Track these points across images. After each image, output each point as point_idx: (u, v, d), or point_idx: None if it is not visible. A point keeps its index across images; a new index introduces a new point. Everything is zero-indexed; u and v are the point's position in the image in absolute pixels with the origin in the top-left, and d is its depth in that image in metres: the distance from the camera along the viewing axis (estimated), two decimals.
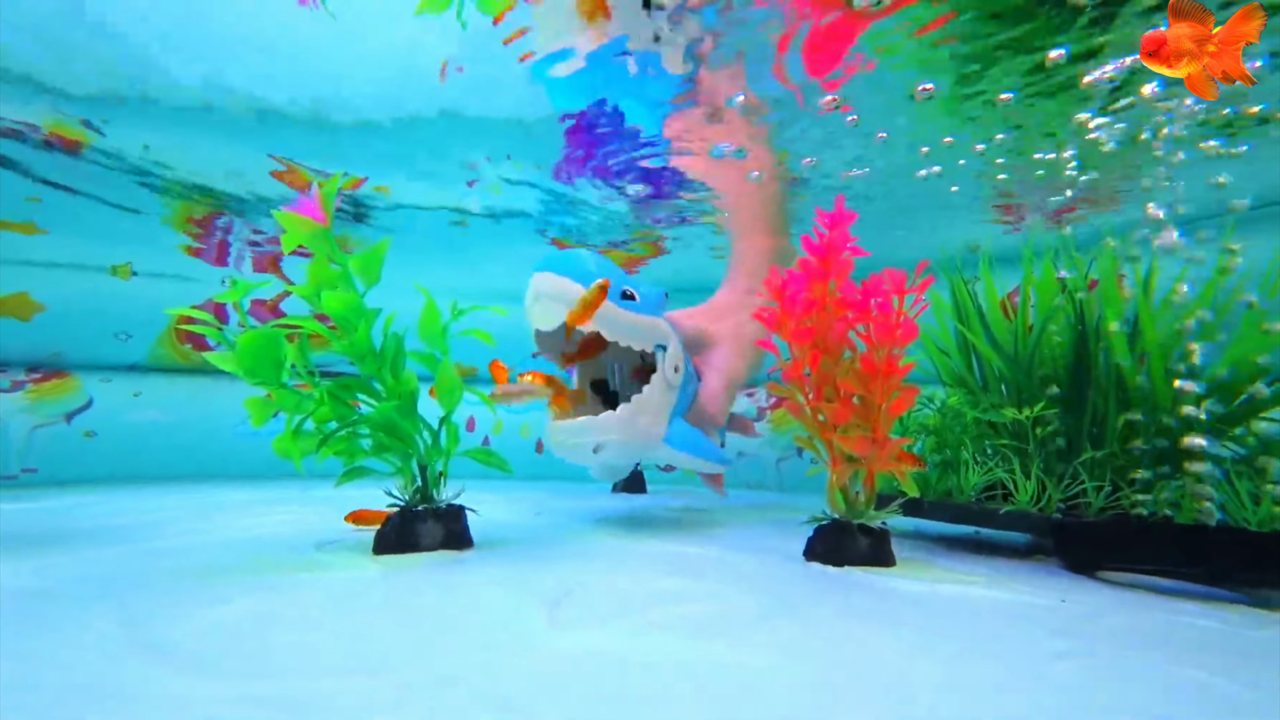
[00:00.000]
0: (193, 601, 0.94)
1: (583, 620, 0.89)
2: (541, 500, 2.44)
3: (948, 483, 1.71)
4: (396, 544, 1.34)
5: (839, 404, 1.34)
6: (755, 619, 0.92)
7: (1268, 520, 1.23)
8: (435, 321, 1.46)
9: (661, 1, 1.33)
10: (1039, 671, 0.75)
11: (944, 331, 1.98)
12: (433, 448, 1.41)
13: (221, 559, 1.25)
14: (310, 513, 1.96)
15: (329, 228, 1.34)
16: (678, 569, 1.25)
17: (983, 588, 1.17)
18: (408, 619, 0.88)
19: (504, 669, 0.70)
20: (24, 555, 1.24)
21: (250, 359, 1.22)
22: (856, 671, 0.73)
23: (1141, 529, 1.33)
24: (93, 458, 2.89)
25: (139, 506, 2.02)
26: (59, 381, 2.92)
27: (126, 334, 3.15)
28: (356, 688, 0.64)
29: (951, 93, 1.62)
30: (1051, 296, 1.66)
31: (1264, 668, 0.79)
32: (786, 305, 1.40)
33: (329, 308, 1.27)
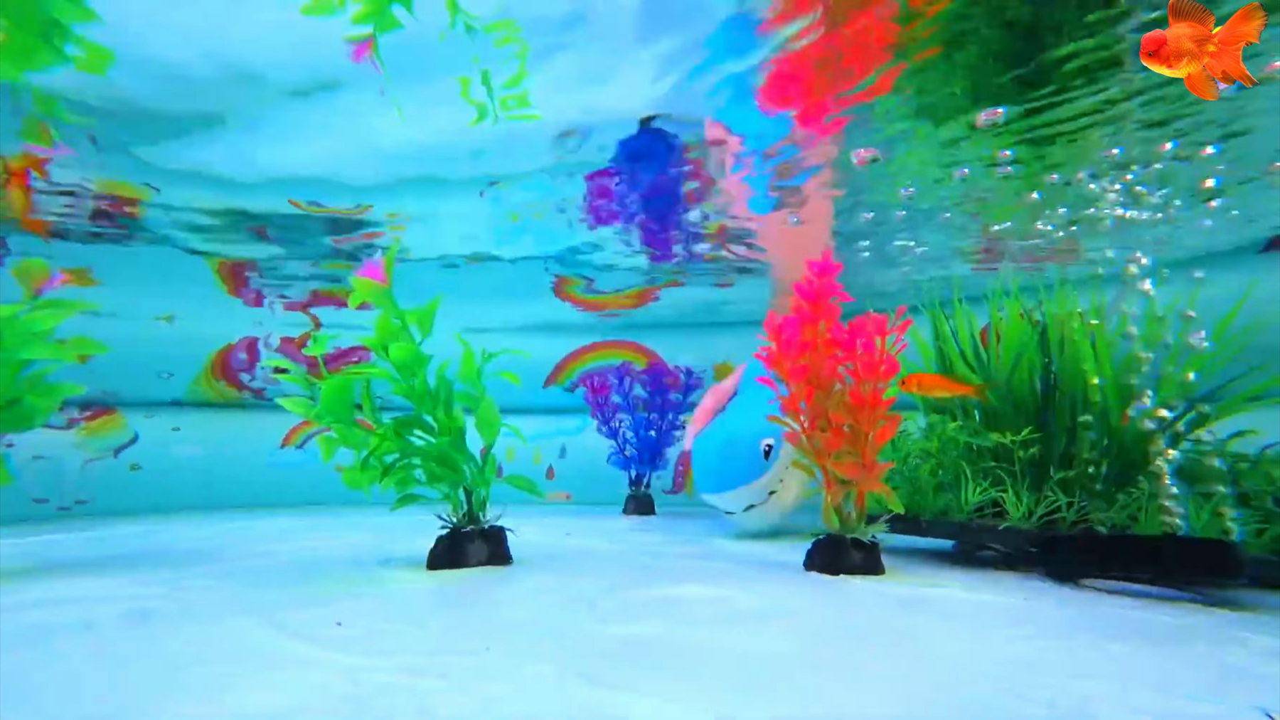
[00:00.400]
0: (300, 605, 1.13)
1: (622, 617, 1.09)
2: (565, 523, 2.62)
3: (943, 501, 1.89)
4: (448, 561, 1.54)
5: (831, 432, 1.54)
6: (765, 614, 1.12)
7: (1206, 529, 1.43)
8: (473, 366, 1.68)
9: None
10: (994, 646, 0.94)
11: (926, 362, 2.19)
12: (478, 476, 1.61)
13: (300, 574, 1.44)
14: (353, 536, 2.15)
15: (390, 288, 1.57)
16: (695, 577, 1.44)
17: (960, 591, 1.36)
18: (478, 617, 1.08)
19: (571, 650, 0.90)
20: (139, 572, 1.44)
21: (330, 402, 1.43)
22: (848, 651, 0.92)
23: (1108, 541, 1.52)
24: (138, 489, 3.08)
25: (200, 533, 2.21)
26: (107, 418, 3.13)
27: (169, 373, 3.37)
28: (461, 663, 0.84)
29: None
30: (1021, 331, 1.88)
31: (1179, 644, 0.99)
32: (783, 346, 1.62)
33: (395, 358, 1.49)
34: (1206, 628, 1.10)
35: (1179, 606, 1.28)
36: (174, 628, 1.00)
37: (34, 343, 1.45)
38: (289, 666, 0.81)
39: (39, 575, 1.43)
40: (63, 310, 1.52)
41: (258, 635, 0.95)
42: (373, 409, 1.54)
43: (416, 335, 1.59)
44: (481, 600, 1.21)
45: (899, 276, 2.92)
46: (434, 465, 1.57)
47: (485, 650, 0.89)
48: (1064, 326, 1.78)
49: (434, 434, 1.58)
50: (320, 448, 1.55)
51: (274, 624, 1.01)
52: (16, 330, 1.43)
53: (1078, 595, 1.37)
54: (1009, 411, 1.89)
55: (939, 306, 2.14)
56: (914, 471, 2.01)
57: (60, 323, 1.49)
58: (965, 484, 1.81)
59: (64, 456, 2.94)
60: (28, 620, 1.04)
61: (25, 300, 1.51)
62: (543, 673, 0.80)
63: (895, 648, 0.94)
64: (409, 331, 1.57)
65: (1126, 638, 1.01)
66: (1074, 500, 1.65)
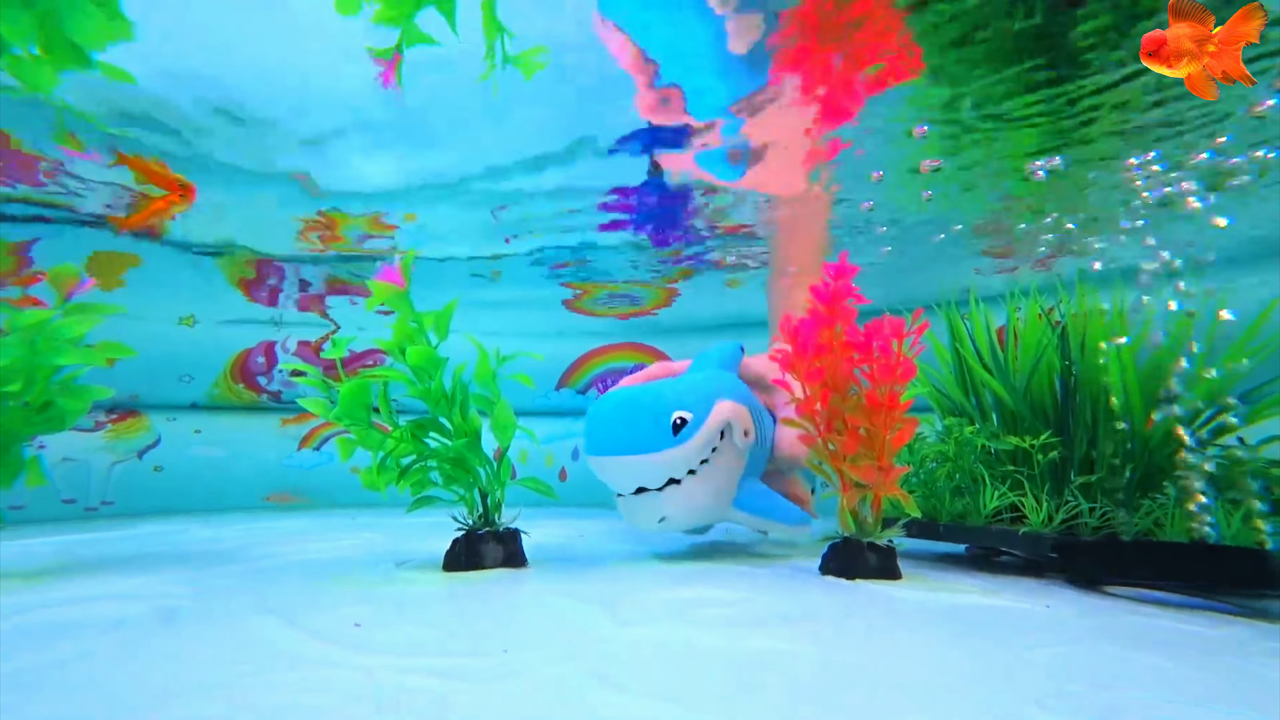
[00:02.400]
0: (319, 606, 1.15)
1: (640, 619, 1.09)
2: (578, 525, 2.63)
3: (960, 505, 1.87)
4: (464, 563, 1.55)
5: (847, 435, 1.53)
6: (782, 618, 1.11)
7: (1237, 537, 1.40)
8: (487, 368, 1.69)
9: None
10: (1015, 655, 0.93)
11: (943, 364, 2.17)
12: (494, 478, 1.62)
13: (318, 575, 1.46)
14: (367, 537, 2.18)
15: (407, 291, 1.58)
16: (711, 581, 1.44)
17: (978, 596, 1.35)
18: (495, 619, 1.08)
19: (589, 652, 0.90)
20: (164, 572, 1.47)
21: (347, 404, 1.45)
22: (864, 656, 0.92)
23: (1133, 547, 1.49)
24: (161, 490, 3.14)
25: (221, 534, 2.25)
26: (133, 420, 3.20)
27: (189, 375, 3.44)
28: (479, 664, 0.84)
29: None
30: (1040, 332, 1.85)
31: (1212, 656, 0.96)
32: (799, 348, 1.61)
33: (412, 361, 1.51)
34: (1238, 639, 1.07)
35: (1209, 616, 1.25)
36: (198, 627, 1.02)
37: (66, 348, 1.49)
38: (309, 666, 0.82)
39: (71, 573, 1.47)
40: (93, 315, 1.55)
41: (278, 635, 0.96)
42: (389, 411, 1.56)
43: (433, 338, 1.61)
44: (498, 602, 1.21)
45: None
46: (450, 467, 1.59)
47: (503, 652, 0.89)
48: (1085, 327, 1.75)
49: (450, 436, 1.60)
50: (338, 449, 1.57)
51: (294, 624, 1.02)
52: (49, 336, 1.47)
53: (1102, 602, 1.35)
54: (1027, 414, 1.86)
55: (955, 307, 2.12)
56: (930, 475, 1.99)
57: (91, 328, 1.53)
58: (983, 488, 1.79)
59: (91, 459, 3.01)
60: (61, 617, 1.06)
61: (56, 305, 1.55)
62: (562, 674, 0.80)
63: (914, 654, 0.93)
64: (425, 335, 1.59)
65: (1154, 647, 0.99)
66: (1095, 505, 1.62)
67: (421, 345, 1.54)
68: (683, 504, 1.62)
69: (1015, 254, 2.58)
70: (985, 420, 1.99)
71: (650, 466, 1.61)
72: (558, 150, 1.86)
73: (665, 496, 1.62)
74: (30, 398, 1.47)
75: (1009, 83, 1.50)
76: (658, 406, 1.63)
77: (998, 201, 2.10)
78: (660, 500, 1.62)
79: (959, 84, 1.51)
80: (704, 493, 1.65)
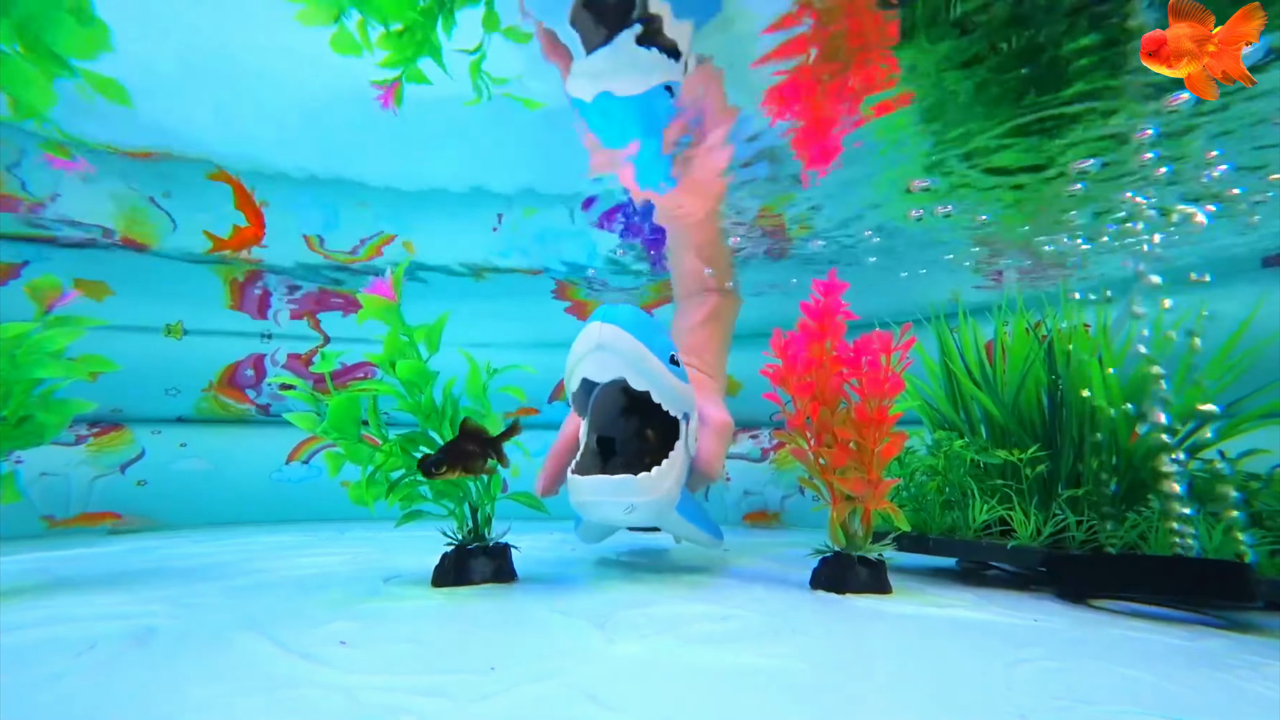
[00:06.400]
0: (304, 623, 1.13)
1: (630, 636, 1.08)
2: (569, 539, 2.61)
3: (950, 519, 1.87)
4: (453, 578, 1.53)
5: (837, 449, 1.53)
6: (774, 633, 1.10)
7: (1218, 549, 1.41)
8: (478, 381, 1.69)
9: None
10: (1003, 669, 0.93)
11: (933, 378, 2.19)
12: (484, 492, 1.61)
13: (304, 591, 1.44)
14: (356, 552, 2.14)
15: (398, 304, 1.58)
16: (701, 596, 1.43)
17: (968, 610, 1.35)
18: (483, 635, 1.07)
19: (578, 669, 0.89)
20: (144, 589, 1.44)
21: (337, 418, 1.44)
22: (858, 673, 0.91)
23: (1119, 560, 1.50)
24: (144, 505, 3.08)
25: (204, 550, 2.21)
26: (115, 434, 3.14)
27: (176, 389, 3.39)
28: (465, 681, 0.83)
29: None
30: (1028, 346, 1.88)
31: (1195, 670, 0.97)
32: (789, 363, 1.62)
33: (402, 375, 1.50)
34: (1221, 652, 1.08)
35: (1192, 629, 1.26)
36: (177, 646, 1.00)
37: (46, 361, 1.47)
38: (293, 686, 0.81)
39: (46, 592, 1.43)
40: (74, 328, 1.53)
41: (261, 654, 0.94)
42: (379, 425, 1.55)
43: (424, 352, 1.61)
44: (486, 618, 1.20)
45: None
46: (439, 481, 1.57)
47: (491, 669, 0.88)
48: (1070, 341, 1.78)
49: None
50: (327, 463, 1.55)
51: (277, 642, 1.00)
52: (29, 349, 1.45)
53: (1088, 616, 1.35)
54: (1015, 428, 1.88)
55: (944, 320, 2.14)
56: (920, 489, 2.00)
57: (72, 341, 1.51)
58: (972, 502, 1.80)
59: (72, 473, 2.95)
60: (32, 638, 1.04)
61: (37, 318, 1.53)
62: (550, 693, 0.79)
63: (904, 669, 0.93)
64: (416, 348, 1.58)
65: (1140, 661, 1.00)
66: (1083, 519, 1.63)
67: (412, 359, 1.53)
68: (650, 493, 1.47)
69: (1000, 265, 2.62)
70: (974, 434, 2.01)
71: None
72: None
73: (639, 483, 1.45)
74: (7, 412, 1.45)
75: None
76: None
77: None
78: (634, 486, 1.45)
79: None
80: (670, 485, 1.53)
